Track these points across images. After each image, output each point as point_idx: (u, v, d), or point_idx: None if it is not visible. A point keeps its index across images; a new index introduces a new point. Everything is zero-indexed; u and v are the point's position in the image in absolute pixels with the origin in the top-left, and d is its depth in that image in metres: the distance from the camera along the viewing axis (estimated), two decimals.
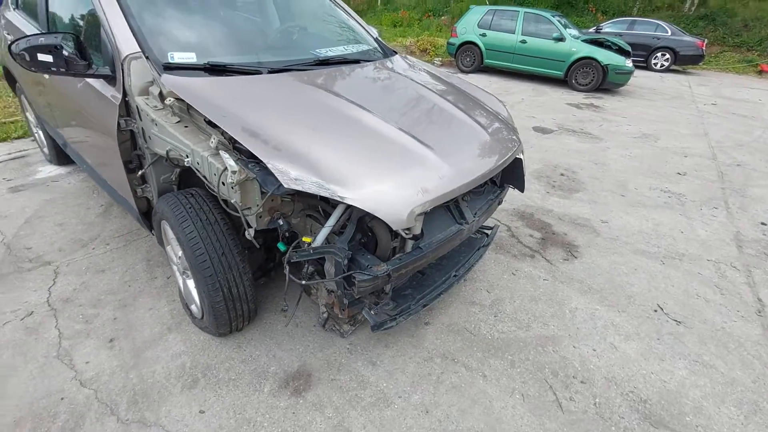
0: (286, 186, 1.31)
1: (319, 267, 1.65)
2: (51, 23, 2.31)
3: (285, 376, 1.78)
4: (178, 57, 1.76)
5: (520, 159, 2.12)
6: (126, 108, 1.77)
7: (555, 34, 7.97)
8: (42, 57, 1.66)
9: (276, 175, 1.31)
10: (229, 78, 1.75)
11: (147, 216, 2.10)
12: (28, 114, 3.54)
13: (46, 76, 2.33)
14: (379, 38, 2.77)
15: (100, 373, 1.74)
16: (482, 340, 2.04)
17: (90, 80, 1.92)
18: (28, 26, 2.59)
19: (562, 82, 8.49)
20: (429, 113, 1.93)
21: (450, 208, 1.85)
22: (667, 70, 11.16)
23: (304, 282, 1.57)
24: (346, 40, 2.55)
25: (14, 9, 2.93)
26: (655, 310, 2.29)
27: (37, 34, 1.71)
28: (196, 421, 1.58)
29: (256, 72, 1.87)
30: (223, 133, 1.51)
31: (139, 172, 1.88)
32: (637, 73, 9.57)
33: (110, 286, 2.23)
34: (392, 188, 1.44)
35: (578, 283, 2.49)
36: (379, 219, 1.40)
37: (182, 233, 1.61)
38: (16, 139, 4.11)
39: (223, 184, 1.46)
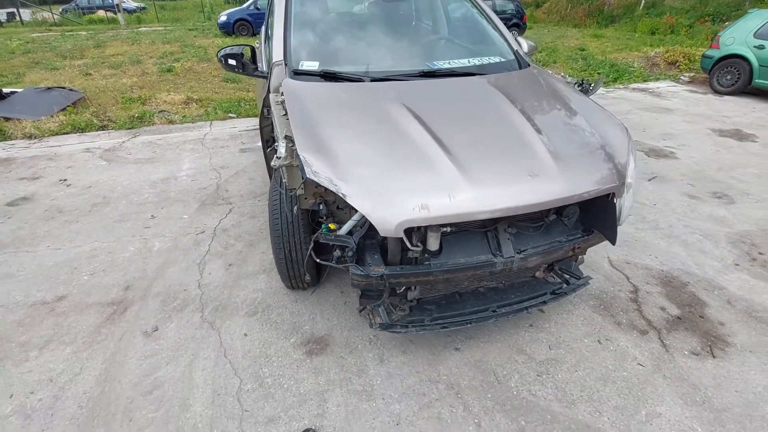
0: (307, 176, 1.57)
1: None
2: (266, 37, 3.22)
3: (310, 337, 2.09)
4: (306, 65, 2.23)
5: (612, 202, 1.72)
6: (268, 101, 2.38)
7: None
8: (231, 61, 2.42)
9: (303, 165, 1.59)
10: (327, 83, 2.11)
11: None
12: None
13: None
14: (520, 51, 2.62)
15: (211, 283, 2.47)
16: (504, 391, 1.81)
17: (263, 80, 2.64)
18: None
19: None
20: (492, 133, 1.80)
21: (488, 236, 1.72)
22: None
23: (318, 260, 1.80)
24: (474, 53, 2.55)
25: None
26: None
27: (230, 46, 2.48)
28: (238, 339, 2.07)
29: (359, 80, 2.17)
30: None
31: (268, 149, 2.49)
32: None
33: (252, 229, 3.02)
34: (392, 197, 1.50)
35: (690, 389, 1.83)
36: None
37: (270, 201, 2.09)
38: (255, 116, 5.75)
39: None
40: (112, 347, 2.03)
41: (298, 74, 2.20)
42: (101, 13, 20.78)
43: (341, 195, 1.52)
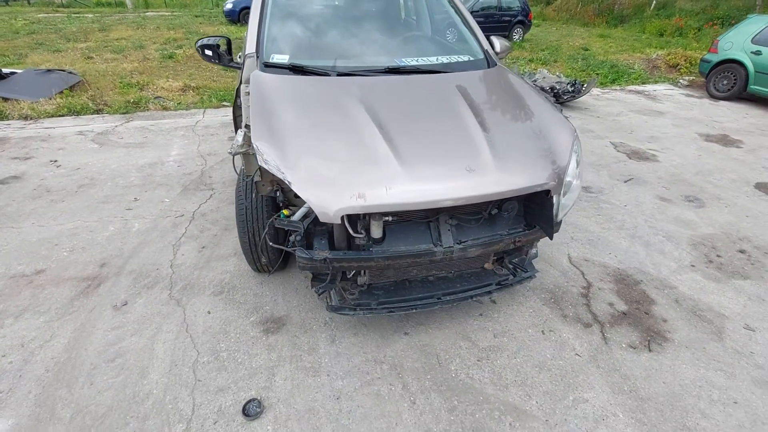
0: (259, 163, 1.68)
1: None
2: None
3: (269, 317, 2.21)
4: (276, 58, 2.33)
5: (550, 199, 1.81)
6: (240, 91, 2.48)
7: None
8: (207, 51, 2.52)
9: (256, 153, 1.69)
10: (293, 76, 2.20)
11: None
12: None
13: None
14: (489, 51, 2.69)
15: (183, 263, 2.59)
16: (443, 374, 1.93)
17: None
18: None
19: None
20: (439, 130, 1.89)
21: (430, 226, 1.82)
22: None
23: (271, 244, 1.92)
24: (445, 51, 2.63)
25: None
26: None
27: (207, 37, 2.57)
28: (201, 316, 2.19)
29: (326, 74, 2.26)
30: None
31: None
32: None
33: (229, 214, 3.13)
34: (333, 186, 1.60)
35: (621, 379, 1.93)
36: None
37: (236, 188, 2.20)
38: None
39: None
40: (82, 318, 2.16)
41: (268, 66, 2.29)
42: None
43: (287, 182, 1.62)
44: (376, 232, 1.74)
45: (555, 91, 6.22)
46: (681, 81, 8.52)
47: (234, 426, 1.67)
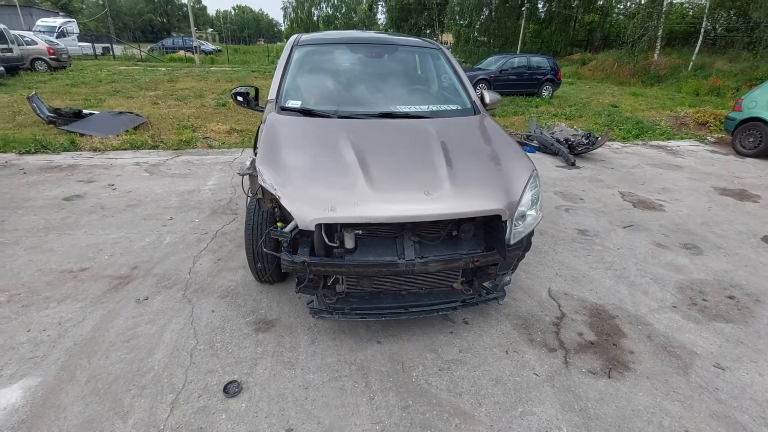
0: (259, 182, 2.09)
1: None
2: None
3: (262, 318, 2.52)
4: (291, 103, 2.83)
5: (503, 224, 2.07)
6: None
7: None
8: (239, 98, 3.08)
9: (258, 174, 2.11)
10: (301, 118, 2.66)
11: None
12: None
13: None
14: (476, 102, 3.07)
15: (200, 271, 3.00)
16: (404, 378, 2.12)
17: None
18: None
19: None
20: (410, 162, 2.24)
21: (397, 242, 2.12)
22: None
23: (265, 249, 2.27)
24: (437, 101, 3.04)
25: None
26: None
27: (243, 86, 3.15)
28: (206, 313, 2.54)
29: (328, 116, 2.71)
30: None
31: None
32: None
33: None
34: (312, 201, 1.96)
35: (573, 398, 2.04)
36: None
37: (247, 206, 2.62)
38: None
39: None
40: (110, 307, 2.57)
41: (284, 110, 2.79)
42: (182, 53, 23.82)
43: (278, 197, 2.01)
44: (349, 243, 2.06)
45: (570, 143, 6.47)
46: (708, 138, 8.50)
47: (214, 401, 1.95)
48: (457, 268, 2.16)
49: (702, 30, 18.77)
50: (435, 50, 3.48)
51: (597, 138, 6.61)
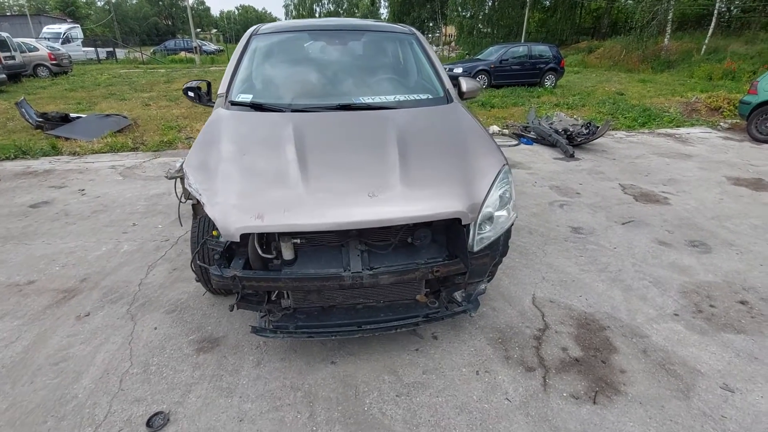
0: (185, 185, 1.83)
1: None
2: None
3: (207, 336, 2.28)
4: (241, 97, 2.56)
5: (463, 228, 1.78)
6: None
7: None
8: (190, 93, 2.83)
9: (185, 177, 1.86)
10: (248, 113, 2.40)
11: None
12: None
13: None
14: (450, 90, 2.76)
15: (151, 282, 2.77)
16: (356, 406, 1.86)
17: None
18: None
19: None
20: (358, 160, 1.96)
21: (342, 251, 1.84)
22: None
23: (198, 262, 2.02)
24: (408, 91, 2.74)
25: None
26: None
27: (194, 80, 2.90)
28: (147, 331, 2.31)
29: (280, 110, 2.44)
30: None
31: None
32: None
33: None
34: (238, 208, 1.70)
35: (550, 431, 1.75)
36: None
37: (193, 213, 2.38)
38: None
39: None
40: (47, 325, 2.36)
41: (234, 104, 2.53)
42: (183, 54, 23.81)
43: (202, 204, 1.75)
44: (287, 253, 1.80)
45: (568, 133, 6.10)
46: (722, 124, 8.01)
47: None
48: (415, 279, 1.88)
49: (715, 11, 17.95)
50: (407, 35, 3.18)
51: (597, 127, 6.22)
